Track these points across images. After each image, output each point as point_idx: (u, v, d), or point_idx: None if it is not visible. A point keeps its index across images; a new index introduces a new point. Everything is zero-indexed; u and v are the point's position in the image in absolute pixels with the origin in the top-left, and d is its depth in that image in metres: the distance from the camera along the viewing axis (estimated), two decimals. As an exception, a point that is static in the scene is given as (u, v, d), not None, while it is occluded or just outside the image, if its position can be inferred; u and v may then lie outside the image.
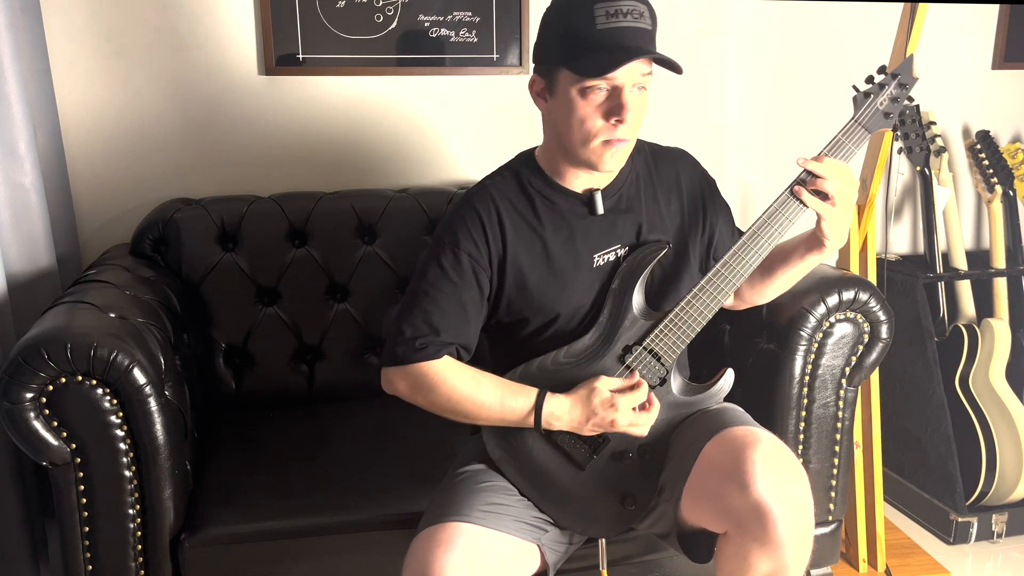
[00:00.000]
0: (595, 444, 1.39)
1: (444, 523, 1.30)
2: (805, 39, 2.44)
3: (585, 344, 1.40)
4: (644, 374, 1.39)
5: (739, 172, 2.49)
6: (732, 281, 1.39)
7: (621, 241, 1.44)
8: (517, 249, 1.41)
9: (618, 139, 1.33)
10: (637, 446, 1.39)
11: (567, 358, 1.40)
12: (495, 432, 1.40)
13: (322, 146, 2.23)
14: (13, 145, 1.82)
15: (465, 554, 1.26)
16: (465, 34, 2.23)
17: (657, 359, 1.39)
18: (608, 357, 1.39)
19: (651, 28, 1.33)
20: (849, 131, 1.44)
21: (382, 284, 2.06)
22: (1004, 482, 2.29)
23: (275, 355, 2.02)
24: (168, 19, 2.09)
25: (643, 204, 1.47)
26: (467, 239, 1.39)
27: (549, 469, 1.39)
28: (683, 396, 1.43)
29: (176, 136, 2.15)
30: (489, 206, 1.41)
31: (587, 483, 1.39)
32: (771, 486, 1.24)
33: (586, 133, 1.33)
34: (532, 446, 1.39)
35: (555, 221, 1.42)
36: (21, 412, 1.41)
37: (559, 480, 1.39)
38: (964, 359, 2.38)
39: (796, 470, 1.29)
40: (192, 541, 1.51)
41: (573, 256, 1.42)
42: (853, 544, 2.14)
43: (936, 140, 2.43)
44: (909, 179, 2.60)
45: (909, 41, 1.91)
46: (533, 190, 1.43)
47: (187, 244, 1.98)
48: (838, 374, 1.72)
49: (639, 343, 1.39)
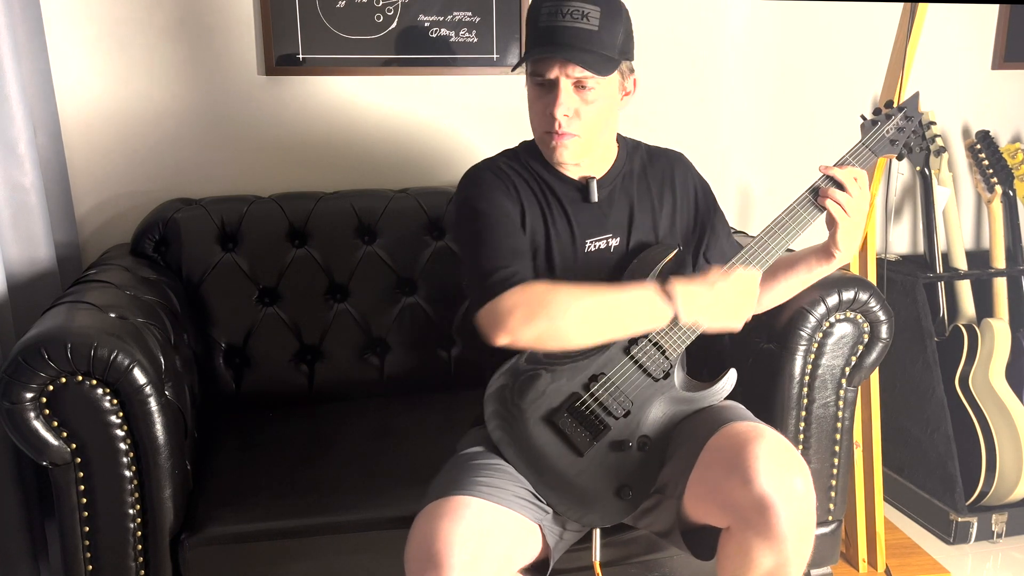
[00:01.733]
0: (596, 431, 1.40)
1: (449, 496, 1.31)
2: (805, 39, 2.44)
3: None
4: (649, 367, 1.41)
5: (739, 172, 2.49)
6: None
7: (613, 231, 1.50)
8: (527, 213, 1.47)
9: (560, 133, 1.40)
10: (637, 437, 1.41)
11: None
12: (497, 414, 1.41)
13: (322, 146, 2.23)
14: (13, 145, 1.82)
15: (471, 525, 1.26)
16: (465, 34, 2.23)
17: (662, 353, 1.41)
18: (613, 348, 1.41)
19: (596, 29, 1.36)
20: (856, 152, 1.51)
21: (382, 284, 2.06)
22: (1004, 482, 2.29)
23: (275, 355, 2.02)
24: (168, 19, 2.09)
25: (636, 199, 1.52)
26: (493, 188, 1.47)
27: (548, 453, 1.39)
28: (685, 392, 1.44)
29: (176, 136, 2.15)
30: (500, 171, 1.50)
31: (585, 470, 1.40)
32: (774, 480, 1.25)
33: (535, 124, 1.46)
34: (533, 429, 1.39)
35: (554, 203, 1.49)
36: (21, 412, 1.41)
37: (557, 465, 1.39)
38: (964, 359, 2.38)
39: (799, 465, 1.30)
40: (192, 541, 1.51)
41: (567, 238, 1.48)
42: (853, 544, 2.13)
43: (936, 140, 2.43)
44: (909, 179, 2.60)
45: (909, 41, 1.91)
46: (533, 172, 1.50)
47: (187, 244, 1.98)
48: (838, 374, 1.72)
49: (645, 336, 1.40)
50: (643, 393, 1.42)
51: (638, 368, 1.41)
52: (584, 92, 1.38)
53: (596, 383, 1.40)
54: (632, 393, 1.41)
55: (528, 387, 1.40)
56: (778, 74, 2.46)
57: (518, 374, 1.41)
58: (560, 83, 1.37)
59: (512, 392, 1.40)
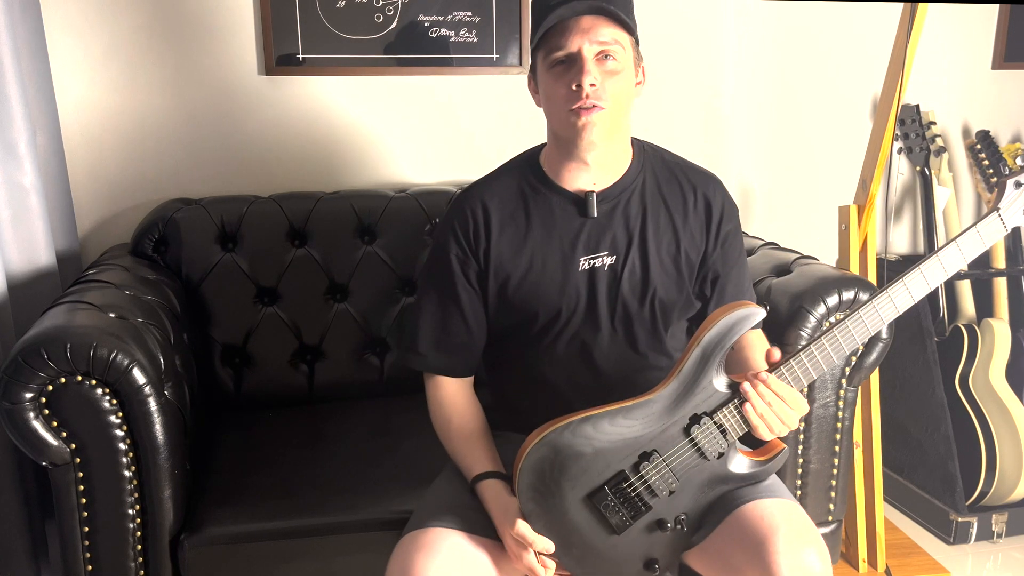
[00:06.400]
0: (637, 512, 1.30)
1: (426, 528, 1.29)
2: (805, 39, 2.44)
3: (656, 404, 1.29)
4: (705, 448, 1.29)
5: (739, 172, 2.49)
6: (804, 375, 1.29)
7: (610, 249, 1.41)
8: (501, 245, 1.42)
9: (586, 107, 1.31)
10: (676, 515, 1.32)
11: (627, 419, 1.29)
12: (532, 487, 1.30)
13: (322, 146, 2.23)
14: (13, 145, 1.82)
15: (447, 559, 1.25)
16: (465, 34, 2.23)
17: (723, 434, 1.29)
18: (672, 425, 1.29)
19: (606, 2, 1.32)
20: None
21: (382, 284, 2.06)
22: (1004, 482, 2.29)
23: (275, 355, 2.02)
24: (168, 19, 2.09)
25: (643, 217, 1.43)
26: (454, 242, 1.44)
27: (581, 529, 1.31)
28: (734, 471, 1.32)
29: (176, 136, 2.15)
30: (476, 205, 1.44)
31: (616, 545, 1.32)
32: (794, 570, 1.21)
33: (558, 107, 1.35)
34: (570, 507, 1.30)
35: (545, 219, 1.42)
36: (21, 412, 1.41)
37: (589, 540, 1.32)
38: (964, 359, 2.38)
39: (817, 545, 1.25)
40: (192, 541, 1.51)
41: (558, 256, 1.41)
42: (853, 544, 2.13)
43: (936, 140, 2.43)
44: (909, 179, 2.60)
45: (909, 41, 1.91)
46: (528, 187, 1.44)
47: (187, 244, 1.98)
48: (838, 374, 1.72)
49: (708, 415, 1.29)
50: (692, 472, 1.30)
51: (694, 448, 1.29)
52: (606, 62, 1.31)
53: (648, 463, 1.28)
54: (681, 473, 1.30)
55: (572, 463, 1.28)
56: (778, 74, 2.46)
57: (560, 449, 1.28)
58: (583, 53, 1.30)
59: (553, 467, 1.28)
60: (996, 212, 1.30)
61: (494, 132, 2.31)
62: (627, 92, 1.36)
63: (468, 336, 1.45)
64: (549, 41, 1.33)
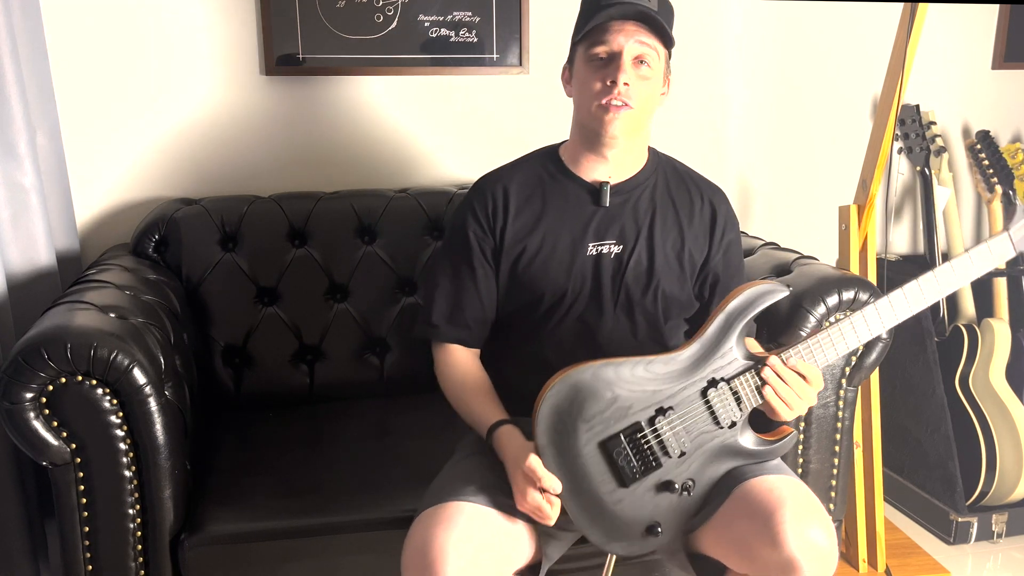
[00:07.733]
0: (647, 466, 1.34)
1: (444, 503, 1.32)
2: (805, 39, 2.44)
3: (676, 362, 1.36)
4: (719, 414, 1.36)
5: (739, 172, 2.49)
6: (827, 351, 1.38)
7: (617, 239, 1.49)
8: (517, 224, 1.50)
9: (616, 105, 1.40)
10: (684, 479, 1.36)
11: (647, 372, 1.35)
12: (548, 423, 1.34)
13: (322, 146, 2.23)
14: (13, 145, 1.82)
15: (465, 532, 1.27)
16: (465, 34, 2.23)
17: (737, 402, 1.36)
18: (690, 385, 1.36)
19: (655, 9, 1.41)
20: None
21: (382, 284, 2.06)
22: (1004, 482, 2.29)
23: (275, 355, 2.02)
24: (168, 19, 2.09)
25: (652, 214, 1.51)
26: (473, 219, 1.51)
27: (591, 475, 1.34)
28: (743, 445, 1.38)
29: (176, 136, 2.15)
30: (497, 187, 1.53)
31: (623, 500, 1.35)
32: (802, 543, 1.25)
33: (589, 98, 1.43)
34: (583, 448, 1.34)
35: (559, 203, 1.50)
36: (21, 412, 1.41)
37: (597, 489, 1.35)
38: (964, 359, 2.38)
39: (823, 521, 1.30)
40: (192, 541, 1.51)
41: (568, 239, 1.48)
42: (853, 544, 2.13)
43: (936, 140, 2.43)
44: (909, 179, 2.60)
45: (909, 41, 1.91)
46: (547, 175, 1.53)
47: (187, 244, 1.98)
48: (838, 374, 1.72)
49: (725, 380, 1.36)
50: (704, 437, 1.36)
51: (708, 411, 1.36)
52: (641, 67, 1.41)
53: (663, 417, 1.34)
54: (694, 435, 1.35)
55: (590, 404, 1.34)
56: (778, 74, 2.46)
57: (580, 388, 1.34)
58: (623, 54, 1.40)
59: (572, 404, 1.34)
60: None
61: (494, 132, 2.31)
62: (653, 98, 1.46)
63: (481, 311, 1.52)
64: (594, 37, 1.42)
